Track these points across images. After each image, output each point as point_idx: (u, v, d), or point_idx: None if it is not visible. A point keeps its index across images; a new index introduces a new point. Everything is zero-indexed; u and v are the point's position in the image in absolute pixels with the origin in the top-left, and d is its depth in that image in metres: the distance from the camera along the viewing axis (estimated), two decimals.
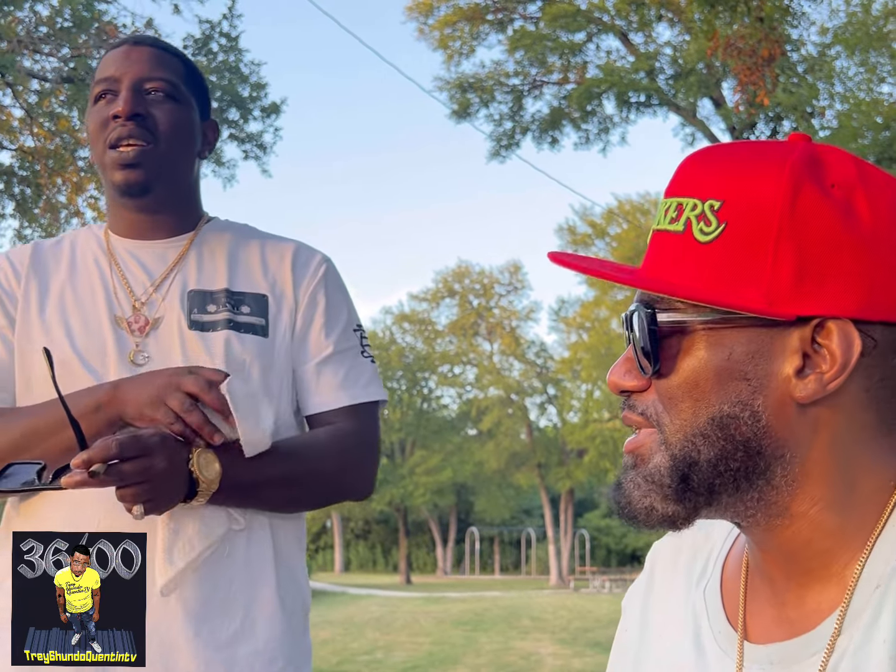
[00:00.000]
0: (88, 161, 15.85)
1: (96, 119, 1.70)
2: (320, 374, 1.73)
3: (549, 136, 20.09)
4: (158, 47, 1.76)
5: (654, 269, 0.84)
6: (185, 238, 1.78)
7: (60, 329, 1.70)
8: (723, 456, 0.81)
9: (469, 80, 20.20)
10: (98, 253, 1.79)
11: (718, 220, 0.80)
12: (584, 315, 35.68)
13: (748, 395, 0.80)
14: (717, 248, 0.80)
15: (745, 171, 0.81)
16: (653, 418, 0.84)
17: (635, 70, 18.34)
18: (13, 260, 1.79)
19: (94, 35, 14.37)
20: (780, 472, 0.81)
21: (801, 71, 15.82)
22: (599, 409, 34.41)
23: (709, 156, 0.85)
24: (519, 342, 39.16)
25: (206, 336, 1.67)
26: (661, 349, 0.83)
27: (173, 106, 1.72)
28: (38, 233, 16.27)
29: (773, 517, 0.83)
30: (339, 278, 1.83)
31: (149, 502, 1.42)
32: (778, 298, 0.78)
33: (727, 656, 0.88)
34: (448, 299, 39.46)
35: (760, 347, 0.80)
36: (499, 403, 37.79)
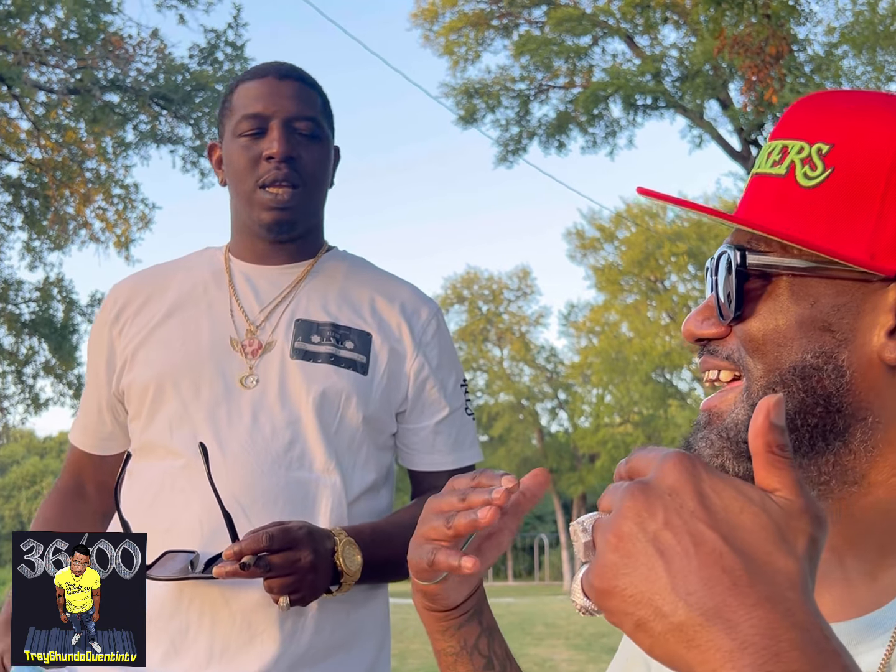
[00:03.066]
0: (95, 172, 15.93)
1: (246, 156, 1.72)
2: (437, 434, 1.80)
3: (555, 140, 20.11)
4: (303, 81, 1.77)
5: (750, 213, 0.81)
6: (302, 265, 1.81)
7: (174, 353, 1.73)
8: (802, 409, 0.77)
9: (475, 86, 20.26)
10: (215, 274, 1.82)
11: (825, 164, 0.76)
12: (593, 319, 35.64)
13: (832, 346, 0.76)
14: (820, 194, 0.77)
15: (859, 115, 0.77)
16: (738, 362, 0.81)
17: (641, 73, 18.36)
18: (120, 295, 1.83)
19: (100, 46, 14.44)
20: (859, 436, 0.77)
21: (808, 70, 15.81)
22: (611, 414, 34.37)
23: (822, 98, 0.81)
24: (529, 347, 39.16)
25: (307, 366, 1.70)
26: (746, 292, 0.79)
27: (318, 146, 1.75)
28: (47, 244, 16.34)
29: (849, 485, 0.78)
30: (448, 331, 1.88)
31: (295, 593, 1.51)
32: (880, 252, 0.74)
33: None
34: (457, 305, 39.47)
35: (849, 301, 0.76)
36: (509, 409, 37.79)
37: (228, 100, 1.78)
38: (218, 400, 1.68)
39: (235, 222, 1.82)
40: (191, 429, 1.68)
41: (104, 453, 1.88)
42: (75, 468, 1.91)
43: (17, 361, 16.80)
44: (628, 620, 0.55)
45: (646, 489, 0.56)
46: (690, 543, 0.54)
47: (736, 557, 0.54)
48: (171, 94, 14.70)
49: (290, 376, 1.69)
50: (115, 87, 14.79)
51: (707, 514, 0.55)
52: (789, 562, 0.54)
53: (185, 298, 1.79)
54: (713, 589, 0.53)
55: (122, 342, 1.78)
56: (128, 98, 15.05)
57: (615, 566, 0.56)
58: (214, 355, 1.71)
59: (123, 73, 14.74)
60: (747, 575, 0.53)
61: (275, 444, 1.65)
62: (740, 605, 0.52)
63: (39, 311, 16.48)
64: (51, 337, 16.31)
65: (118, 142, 15.73)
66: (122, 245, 16.22)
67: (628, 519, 0.56)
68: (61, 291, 16.59)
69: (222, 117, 1.79)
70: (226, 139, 1.76)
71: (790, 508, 0.56)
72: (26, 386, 17.08)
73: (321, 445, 1.67)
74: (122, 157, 15.98)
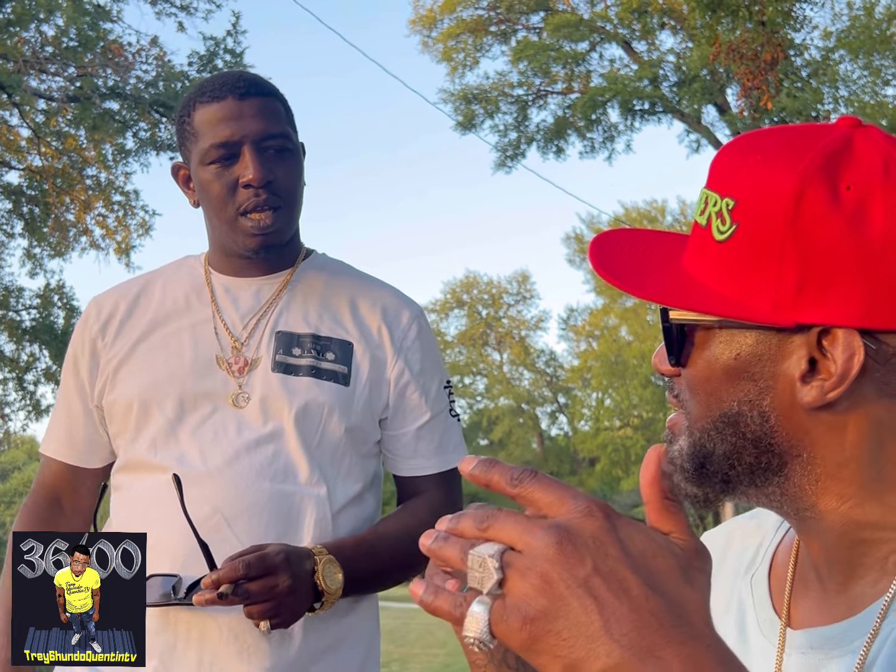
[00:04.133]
0: (95, 179, 15.94)
1: (220, 183, 1.67)
2: (418, 439, 1.78)
3: (554, 145, 20.10)
4: (263, 94, 1.71)
5: (687, 259, 0.86)
6: (281, 276, 1.79)
7: (157, 371, 1.71)
8: (734, 451, 0.82)
9: (473, 92, 20.25)
10: (196, 288, 1.80)
11: (732, 219, 0.80)
12: (592, 323, 35.60)
13: (755, 395, 0.80)
14: (730, 248, 0.80)
15: (760, 169, 0.80)
16: (683, 402, 0.86)
17: (639, 78, 18.35)
18: (101, 309, 1.81)
19: (100, 54, 14.46)
20: (799, 471, 0.81)
21: (805, 75, 15.81)
22: (610, 418, 34.29)
23: (735, 148, 0.85)
24: (528, 351, 39.09)
25: (288, 380, 1.69)
26: (680, 341, 0.85)
27: (290, 160, 1.71)
28: (47, 251, 16.34)
29: (802, 510, 0.83)
30: (431, 333, 1.84)
31: (275, 618, 1.52)
32: (782, 304, 0.78)
33: (769, 643, 0.88)
34: (457, 310, 39.43)
35: (767, 350, 0.80)
36: (509, 413, 37.72)
37: (188, 123, 1.72)
38: (203, 418, 1.67)
39: (214, 240, 1.79)
40: (176, 447, 1.67)
41: (87, 466, 1.83)
42: (52, 484, 1.84)
43: (18, 368, 16.78)
44: (558, 663, 0.58)
45: (571, 536, 0.59)
46: (619, 589, 0.58)
47: (658, 599, 0.58)
48: (171, 102, 14.70)
49: (272, 390, 1.68)
50: (115, 94, 14.79)
51: (628, 560, 0.59)
52: (696, 596, 0.59)
53: (167, 314, 1.77)
54: (643, 630, 0.57)
55: (105, 356, 1.76)
56: (127, 105, 15.05)
57: (547, 610, 0.57)
58: (198, 373, 1.70)
59: (123, 81, 14.74)
60: (670, 616, 0.57)
61: (258, 458, 1.65)
62: (668, 644, 0.57)
63: (40, 317, 16.46)
64: (51, 344, 16.28)
65: (118, 149, 15.73)
66: (123, 252, 16.22)
67: (557, 564, 0.58)
68: (62, 298, 16.58)
69: (184, 140, 1.74)
70: (194, 164, 1.72)
71: (687, 549, 0.61)
72: (27, 392, 17.05)
73: (304, 458, 1.66)
74: (122, 164, 15.98)
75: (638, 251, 0.89)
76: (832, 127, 0.81)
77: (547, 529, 0.59)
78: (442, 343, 40.71)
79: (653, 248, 0.90)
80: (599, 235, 0.91)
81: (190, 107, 1.72)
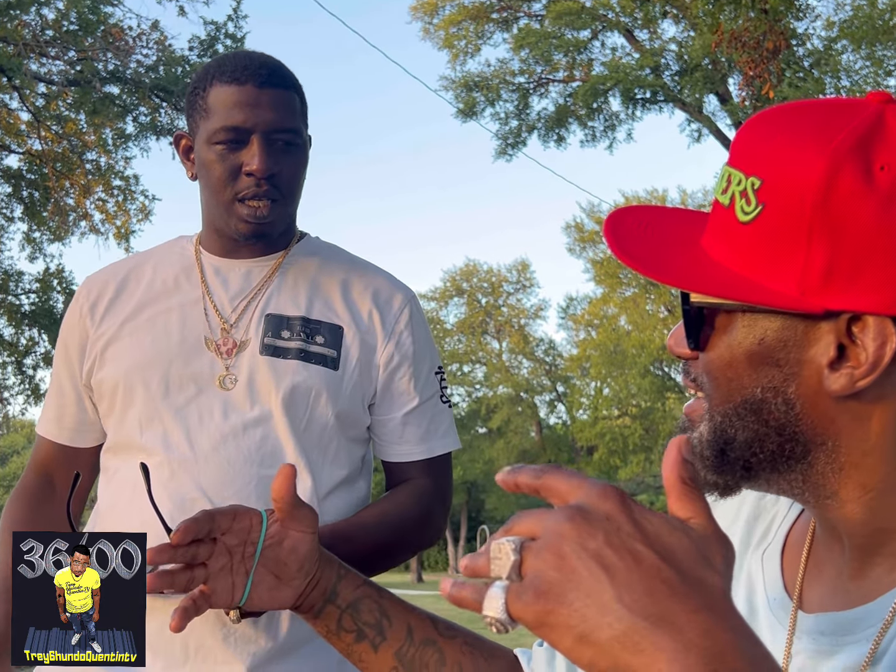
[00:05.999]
0: (95, 163, 15.90)
1: (223, 166, 1.67)
2: (406, 425, 1.76)
3: (555, 133, 20.06)
4: (282, 86, 1.70)
5: (707, 239, 0.84)
6: (273, 258, 1.78)
7: (144, 351, 1.70)
8: (756, 438, 0.79)
9: (474, 79, 20.19)
10: (186, 269, 1.79)
11: (758, 200, 0.77)
12: (592, 312, 35.62)
13: (780, 381, 0.78)
14: (755, 230, 0.78)
15: (789, 147, 0.77)
16: (701, 386, 0.84)
17: (641, 67, 18.30)
18: (91, 289, 1.81)
19: (101, 38, 14.40)
20: (823, 459, 0.79)
21: (807, 65, 15.76)
22: (609, 407, 34.35)
23: (761, 124, 0.81)
24: (527, 340, 39.12)
25: (276, 362, 1.68)
26: (701, 325, 0.82)
27: (296, 155, 1.70)
28: (47, 236, 16.32)
29: (823, 498, 0.81)
30: (423, 318, 1.83)
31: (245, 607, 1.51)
32: (809, 289, 0.75)
33: (779, 624, 0.86)
34: (456, 298, 39.44)
35: (793, 335, 0.77)
36: (508, 401, 37.75)
37: (202, 97, 1.70)
38: (188, 398, 1.66)
39: (207, 218, 1.78)
40: (161, 427, 1.66)
41: (77, 445, 1.83)
42: (44, 463, 1.86)
43: (17, 352, 16.78)
44: (570, 633, 0.58)
45: (584, 513, 0.60)
46: (631, 560, 0.58)
47: (672, 571, 0.58)
48: (171, 87, 14.66)
49: (260, 373, 1.67)
50: (116, 78, 14.74)
51: (642, 536, 0.59)
52: (715, 577, 0.59)
53: (156, 293, 1.76)
54: (655, 597, 0.57)
55: (93, 336, 1.76)
56: (128, 90, 15.01)
57: (559, 583, 0.58)
58: (185, 353, 1.69)
59: (123, 65, 14.69)
60: (684, 586, 0.58)
61: (245, 442, 1.64)
62: (682, 611, 0.57)
63: (39, 302, 16.46)
64: (51, 328, 16.27)
65: (118, 133, 15.70)
66: (122, 236, 16.20)
67: (570, 539, 0.59)
68: (61, 282, 16.58)
69: (194, 113, 1.72)
70: (199, 140, 1.71)
71: (705, 532, 0.62)
72: (26, 377, 17.06)
73: (291, 442, 1.65)
74: (122, 149, 15.95)
75: (654, 230, 0.86)
76: (863, 103, 0.78)
77: (563, 511, 0.60)
78: (441, 331, 40.72)
79: (670, 226, 0.87)
80: (613, 213, 0.88)
81: (207, 81, 1.70)
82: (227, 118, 1.66)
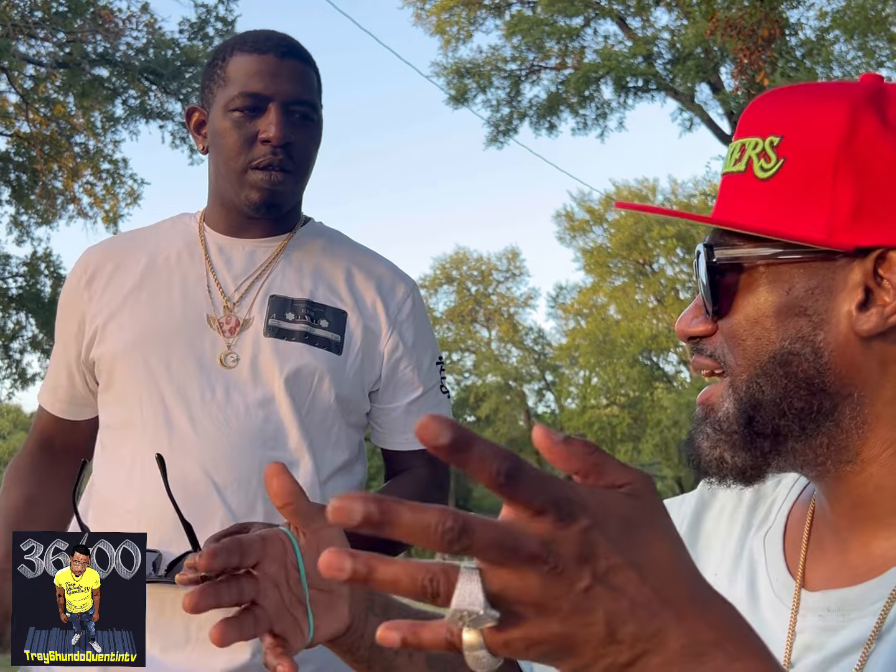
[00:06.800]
0: (84, 147, 15.82)
1: (238, 133, 1.67)
2: (408, 414, 1.77)
3: (546, 121, 20.04)
4: (301, 59, 1.72)
5: (719, 212, 0.85)
6: (278, 240, 1.78)
7: (145, 326, 1.69)
8: (786, 394, 0.79)
9: (466, 66, 20.15)
10: (189, 245, 1.78)
11: (777, 155, 0.80)
12: (581, 301, 35.67)
13: (809, 330, 0.79)
14: (776, 183, 0.80)
15: (805, 105, 0.81)
16: (720, 359, 0.84)
17: (633, 55, 18.29)
18: (92, 260, 1.79)
19: (90, 20, 14.33)
20: (848, 413, 0.79)
21: (799, 55, 15.77)
22: (597, 396, 34.46)
23: (772, 95, 0.85)
24: (517, 329, 39.18)
25: (280, 344, 1.68)
26: (722, 287, 0.83)
27: (311, 129, 1.72)
28: (35, 219, 16.25)
29: (844, 463, 0.81)
30: (424, 308, 1.85)
31: None
32: (837, 229, 0.77)
33: (782, 604, 0.86)
34: (446, 286, 39.44)
35: (821, 282, 0.79)
36: (497, 390, 37.83)
37: (221, 67, 1.71)
38: (189, 376, 1.66)
39: (215, 191, 1.78)
40: (161, 405, 1.66)
41: (75, 418, 1.84)
42: (42, 429, 1.87)
43: (5, 336, 16.73)
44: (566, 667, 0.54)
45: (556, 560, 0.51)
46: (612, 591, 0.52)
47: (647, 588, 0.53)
48: (161, 69, 14.60)
49: (263, 354, 1.67)
50: (105, 61, 14.67)
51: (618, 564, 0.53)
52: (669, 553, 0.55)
53: (158, 268, 1.75)
54: (642, 624, 0.52)
55: (92, 310, 1.75)
56: (117, 72, 14.94)
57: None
58: (187, 330, 1.68)
59: (113, 48, 14.62)
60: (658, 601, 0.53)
61: (248, 423, 1.64)
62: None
63: (27, 285, 16.41)
64: (38, 312, 16.25)
65: (107, 116, 15.63)
66: (111, 220, 16.16)
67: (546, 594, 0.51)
68: (49, 266, 16.53)
69: (211, 83, 1.73)
70: (215, 109, 1.71)
71: (639, 493, 0.55)
72: (13, 361, 17.03)
73: (294, 424, 1.65)
74: (110, 132, 15.89)
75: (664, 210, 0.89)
76: (862, 79, 0.83)
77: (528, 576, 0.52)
78: (431, 319, 40.68)
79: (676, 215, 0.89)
80: (620, 203, 0.91)
81: (227, 52, 1.71)
82: (246, 85, 1.67)
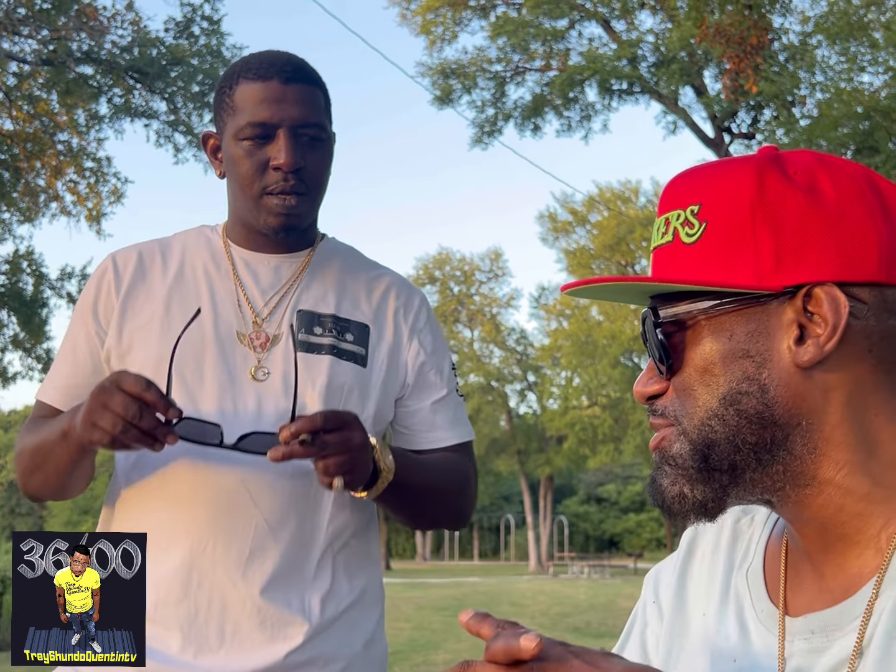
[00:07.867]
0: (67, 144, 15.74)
1: (250, 161, 1.69)
2: (436, 413, 1.84)
3: (531, 123, 20.05)
4: (307, 81, 1.73)
5: (656, 278, 0.91)
6: (301, 256, 1.81)
7: (172, 333, 1.68)
8: (738, 431, 0.85)
9: (451, 67, 20.12)
10: (215, 258, 1.80)
11: (699, 220, 0.88)
12: (564, 302, 35.72)
13: (753, 370, 0.85)
14: (703, 245, 0.87)
15: (716, 175, 0.90)
16: (671, 416, 0.90)
17: (618, 57, 18.31)
18: (118, 264, 1.79)
19: (74, 17, 14.24)
20: (800, 441, 0.85)
21: (782, 60, 15.83)
22: (579, 396, 34.53)
23: (686, 174, 0.93)
24: (499, 329, 39.19)
25: (310, 358, 1.72)
26: (671, 346, 0.89)
27: (322, 150, 1.74)
28: (17, 217, 16.15)
29: (802, 487, 0.86)
30: (435, 316, 1.92)
31: (348, 473, 1.54)
32: (765, 275, 0.84)
33: (769, 633, 0.91)
34: (429, 286, 39.38)
35: (759, 325, 0.85)
36: (479, 390, 37.83)
37: (228, 95, 1.73)
38: (223, 389, 1.68)
39: (235, 213, 1.80)
40: (196, 414, 1.65)
41: None
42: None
43: None
44: None
45: None
46: None
47: None
48: (146, 68, 14.54)
49: (295, 368, 1.68)
50: (89, 59, 14.59)
51: None
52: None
53: (187, 281, 1.77)
54: None
55: (119, 316, 1.74)
56: (102, 70, 14.86)
57: None
58: (219, 345, 1.71)
59: (98, 45, 14.54)
60: None
61: None
62: None
63: (9, 284, 16.29)
64: (20, 310, 16.13)
65: (91, 115, 15.55)
66: (94, 219, 16.06)
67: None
68: (31, 265, 16.41)
69: (221, 111, 1.75)
70: (227, 138, 1.73)
71: None
72: None
73: None
74: (94, 130, 15.80)
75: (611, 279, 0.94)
76: (760, 151, 0.92)
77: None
78: None
79: None
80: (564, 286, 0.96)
81: (233, 80, 1.73)
82: (253, 114, 1.69)
